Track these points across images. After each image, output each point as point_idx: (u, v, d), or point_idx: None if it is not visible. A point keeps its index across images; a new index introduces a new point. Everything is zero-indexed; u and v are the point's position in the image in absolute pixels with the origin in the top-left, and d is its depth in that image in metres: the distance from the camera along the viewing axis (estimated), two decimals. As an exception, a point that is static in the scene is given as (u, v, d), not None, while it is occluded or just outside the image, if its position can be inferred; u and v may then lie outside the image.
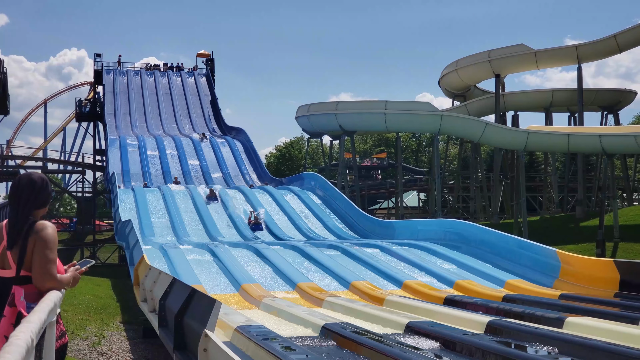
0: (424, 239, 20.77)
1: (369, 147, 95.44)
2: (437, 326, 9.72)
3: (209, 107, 46.51)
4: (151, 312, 11.33)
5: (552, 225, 39.62)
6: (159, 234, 24.04)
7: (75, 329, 14.03)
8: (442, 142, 66.06)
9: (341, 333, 9.06)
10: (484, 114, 49.03)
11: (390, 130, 44.79)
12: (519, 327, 9.48)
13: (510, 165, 46.76)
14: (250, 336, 8.32)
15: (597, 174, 46.24)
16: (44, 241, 4.31)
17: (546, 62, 46.28)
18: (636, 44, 42.95)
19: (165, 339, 9.09)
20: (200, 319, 7.09)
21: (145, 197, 27.67)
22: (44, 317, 3.53)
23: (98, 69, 48.72)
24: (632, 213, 38.63)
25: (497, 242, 18.24)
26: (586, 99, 45.67)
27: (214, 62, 51.01)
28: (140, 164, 35.09)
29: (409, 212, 58.64)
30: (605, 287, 13.67)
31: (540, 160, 62.90)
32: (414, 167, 78.82)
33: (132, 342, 13.73)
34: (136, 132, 40.78)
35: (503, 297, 13.44)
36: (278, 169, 73.73)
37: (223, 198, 28.48)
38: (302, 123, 44.82)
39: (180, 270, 15.50)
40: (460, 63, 48.46)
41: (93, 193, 48.08)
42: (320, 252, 18.62)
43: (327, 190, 29.64)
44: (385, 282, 15.72)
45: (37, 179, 4.56)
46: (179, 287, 9.30)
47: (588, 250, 30.85)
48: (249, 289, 14.28)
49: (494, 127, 39.81)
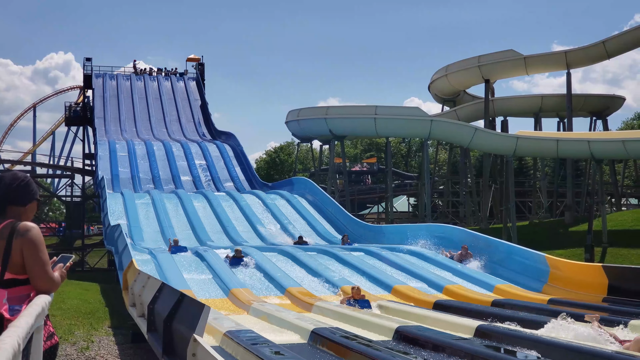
0: (414, 243, 20.80)
1: (359, 152, 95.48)
2: (426, 331, 9.73)
3: (199, 111, 46.45)
4: (140, 316, 11.29)
5: (541, 230, 39.73)
6: (148, 238, 23.97)
7: (64, 334, 13.96)
8: (431, 147, 66.29)
9: (331, 338, 9.05)
10: (474, 119, 49.16)
11: (381, 135, 44.84)
12: (508, 331, 9.50)
13: (499, 171, 46.88)
14: (240, 341, 8.30)
15: (585, 179, 46.44)
16: (34, 243, 4.28)
17: (536, 68, 46.46)
18: (624, 50, 43.20)
19: (154, 343, 9.06)
20: (189, 324, 7.08)
21: (134, 202, 27.59)
22: (32, 321, 3.50)
23: (88, 73, 48.60)
24: (621, 218, 38.79)
25: (486, 247, 18.31)
26: (575, 105, 45.88)
27: (204, 67, 50.98)
28: (129, 169, 34.99)
29: (398, 216, 58.68)
30: (594, 291, 13.73)
31: (530, 165, 63.10)
32: (404, 172, 78.81)
33: (120, 346, 13.67)
34: (126, 137, 40.67)
35: (492, 301, 13.48)
36: (268, 174, 73.63)
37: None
38: (292, 128, 44.81)
39: (169, 275, 15.46)
40: (450, 68, 48.58)
41: (82, 197, 47.87)
42: (310, 257, 18.61)
43: (317, 195, 29.65)
44: (375, 286, 15.74)
45: (19, 175, 4.53)
46: (167, 291, 9.27)
47: (577, 255, 30.94)
48: (238, 293, 14.25)
49: (483, 132, 39.92)
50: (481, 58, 45.71)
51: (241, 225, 26.37)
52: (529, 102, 49.61)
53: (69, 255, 4.81)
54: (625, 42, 41.81)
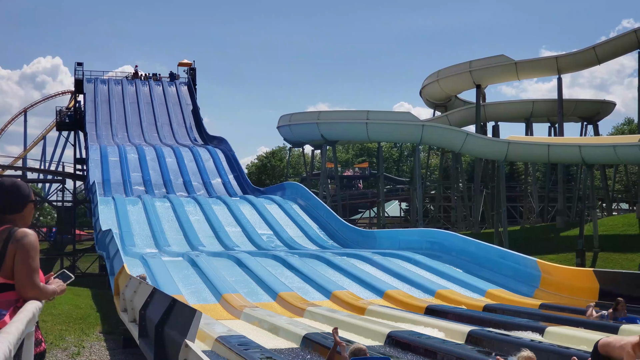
0: (406, 248, 20.82)
1: (351, 157, 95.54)
2: (418, 336, 9.74)
3: (190, 116, 46.38)
4: (131, 322, 11.26)
5: (532, 235, 39.82)
6: (139, 243, 23.89)
7: (55, 340, 13.91)
8: (423, 152, 66.32)
9: (322, 343, 9.05)
10: (465, 125, 49.27)
11: (372, 140, 44.91)
12: (500, 336, 9.52)
13: (490, 175, 46.98)
14: (231, 346, 8.29)
15: (577, 184, 46.57)
16: (26, 250, 4.26)
17: (526, 73, 46.64)
18: (614, 55, 43.45)
19: (146, 349, 9.04)
20: (181, 329, 7.06)
21: (125, 207, 27.51)
22: (22, 327, 3.49)
23: (79, 78, 48.49)
24: (612, 223, 38.92)
25: (478, 251, 18.34)
26: (566, 110, 46.06)
27: (195, 72, 50.93)
28: (121, 173, 34.89)
29: (390, 221, 58.72)
30: (585, 296, 13.77)
31: (521, 170, 63.25)
32: (396, 177, 78.96)
33: (112, 352, 13.62)
34: (117, 141, 40.59)
35: (484, 306, 13.51)
36: (259, 179, 73.54)
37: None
38: (284, 132, 44.83)
39: (161, 280, 15.43)
40: (441, 74, 48.69)
41: (73, 202, 47.69)
42: (302, 262, 18.61)
43: (309, 199, 29.64)
44: (367, 291, 15.74)
45: (6, 183, 4.50)
46: (159, 297, 9.25)
47: (568, 260, 31.03)
48: (230, 298, 14.23)
49: (474, 137, 40.02)
50: (472, 63, 45.85)
51: (233, 230, 26.33)
52: (520, 107, 49.77)
53: (69, 275, 4.79)
54: (615, 47, 42.08)
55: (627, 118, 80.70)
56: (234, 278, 16.65)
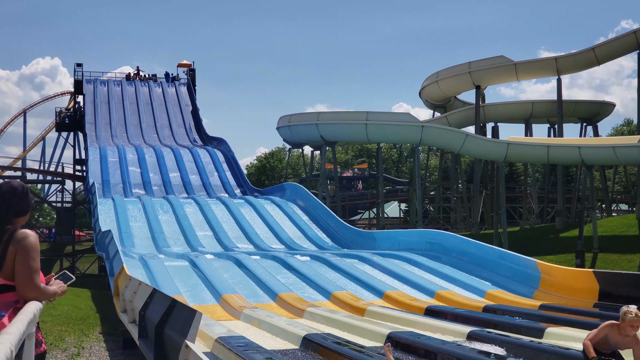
0: (405, 249, 20.80)
1: (350, 158, 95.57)
2: (418, 336, 9.74)
3: (189, 117, 46.36)
4: (131, 322, 11.26)
5: (532, 236, 39.83)
6: (139, 244, 23.88)
7: (54, 340, 13.90)
8: (422, 153, 66.41)
9: (322, 344, 9.05)
10: (465, 125, 49.29)
11: (372, 140, 44.90)
12: (500, 337, 9.52)
13: (490, 176, 47.01)
14: (231, 347, 8.29)
15: (576, 185, 46.60)
16: (26, 250, 4.27)
17: (526, 74, 46.68)
18: (614, 56, 43.48)
19: (146, 350, 9.04)
20: (181, 330, 7.06)
21: (125, 208, 27.51)
22: (23, 328, 3.50)
23: (78, 79, 48.49)
24: (611, 224, 38.93)
25: (477, 252, 18.33)
26: (565, 111, 46.08)
27: (195, 73, 50.93)
28: (120, 174, 34.88)
29: (390, 222, 58.74)
30: (585, 297, 13.76)
31: (520, 171, 63.30)
32: (395, 178, 78.96)
33: (111, 353, 13.61)
34: (116, 142, 40.57)
35: (484, 307, 13.50)
36: (259, 180, 73.56)
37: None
38: (283, 133, 44.83)
39: (161, 281, 15.42)
40: (440, 74, 48.72)
41: (73, 203, 47.68)
42: (302, 263, 18.61)
43: (308, 200, 29.63)
44: (367, 292, 15.73)
45: (17, 187, 4.52)
46: (159, 297, 9.25)
47: (568, 261, 31.04)
48: (229, 299, 14.23)
49: (474, 138, 40.02)
50: (472, 64, 45.88)
51: (232, 231, 26.33)
52: (519, 108, 49.82)
53: (70, 276, 4.81)
54: (614, 48, 42.12)
55: (627, 119, 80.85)
56: (233, 279, 16.64)
